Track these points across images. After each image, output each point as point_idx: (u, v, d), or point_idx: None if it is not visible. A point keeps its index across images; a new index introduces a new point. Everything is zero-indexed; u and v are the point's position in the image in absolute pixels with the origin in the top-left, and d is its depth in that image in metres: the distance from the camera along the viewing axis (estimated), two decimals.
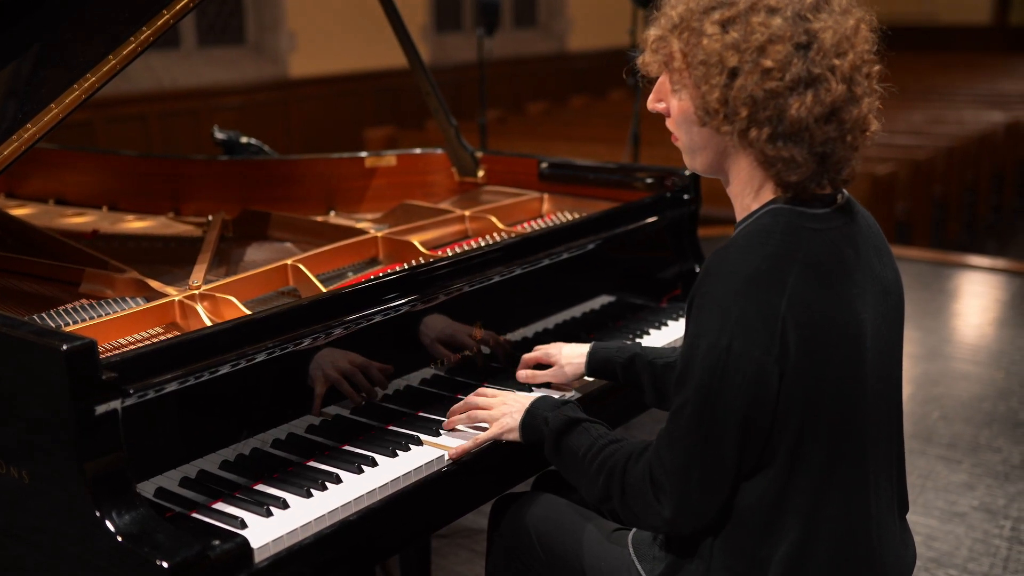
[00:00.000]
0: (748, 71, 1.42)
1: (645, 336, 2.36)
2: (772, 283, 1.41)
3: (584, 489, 1.67)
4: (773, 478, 1.47)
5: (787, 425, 1.45)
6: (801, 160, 1.45)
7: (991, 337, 5.13)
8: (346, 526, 1.62)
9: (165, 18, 1.96)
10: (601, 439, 1.65)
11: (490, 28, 5.48)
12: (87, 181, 3.20)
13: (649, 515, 1.54)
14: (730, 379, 1.42)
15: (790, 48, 1.42)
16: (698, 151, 1.57)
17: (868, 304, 1.50)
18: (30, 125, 1.87)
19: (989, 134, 8.17)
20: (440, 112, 2.84)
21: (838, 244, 1.48)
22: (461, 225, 2.56)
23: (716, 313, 1.42)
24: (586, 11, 11.23)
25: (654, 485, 1.52)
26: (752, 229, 1.49)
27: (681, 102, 1.53)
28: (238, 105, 8.14)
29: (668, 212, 2.57)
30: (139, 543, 1.41)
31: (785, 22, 1.43)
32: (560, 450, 1.69)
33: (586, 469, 1.64)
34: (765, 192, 1.52)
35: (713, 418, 1.44)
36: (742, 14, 1.44)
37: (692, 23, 1.47)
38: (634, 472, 1.56)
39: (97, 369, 1.44)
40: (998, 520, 3.30)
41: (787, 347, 1.41)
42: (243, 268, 2.43)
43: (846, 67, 1.44)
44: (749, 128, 1.45)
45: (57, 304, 2.08)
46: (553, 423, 1.71)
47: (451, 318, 2.04)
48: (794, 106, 1.42)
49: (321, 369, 1.81)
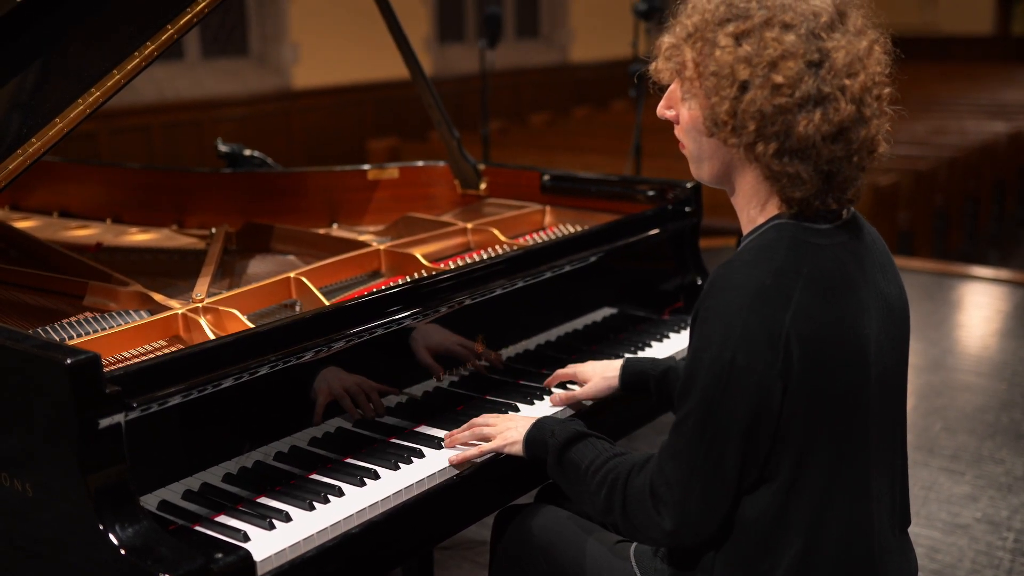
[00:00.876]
0: (758, 85, 1.43)
1: (647, 348, 2.36)
2: (777, 298, 1.42)
3: (585, 503, 1.67)
4: (775, 492, 1.47)
5: (790, 439, 1.45)
6: (806, 177, 1.45)
7: (994, 348, 5.13)
8: (349, 539, 1.62)
9: (169, 33, 1.97)
10: (605, 452, 1.66)
11: (492, 39, 5.50)
12: (91, 194, 3.22)
13: (650, 528, 1.54)
14: (733, 392, 1.42)
15: (802, 65, 1.42)
16: (705, 161, 1.57)
17: (872, 320, 1.50)
18: (35, 140, 1.88)
19: (991, 144, 8.18)
20: (443, 125, 2.85)
21: (843, 259, 1.49)
22: (463, 238, 2.57)
23: (720, 326, 1.43)
24: (588, 22, 11.26)
25: (655, 497, 1.52)
26: (757, 244, 1.49)
27: (691, 111, 1.53)
28: (241, 116, 8.16)
29: (670, 224, 2.57)
30: (142, 556, 1.41)
31: (799, 39, 1.43)
32: (563, 463, 1.69)
33: (588, 482, 1.64)
34: (770, 206, 1.53)
35: (715, 431, 1.44)
36: (756, 28, 1.44)
37: (706, 33, 1.48)
38: (635, 484, 1.56)
39: (101, 382, 1.45)
40: (1001, 532, 3.30)
41: (790, 361, 1.41)
42: (246, 281, 2.43)
43: (856, 88, 1.44)
44: (756, 142, 1.46)
45: (61, 317, 2.09)
46: (559, 435, 1.71)
47: (453, 331, 2.05)
48: (802, 123, 1.42)
49: (325, 382, 1.81)
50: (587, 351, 2.34)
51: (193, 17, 2.00)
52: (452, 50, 10.02)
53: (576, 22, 11.27)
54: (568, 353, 2.31)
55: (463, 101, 9.12)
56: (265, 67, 8.55)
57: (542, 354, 2.26)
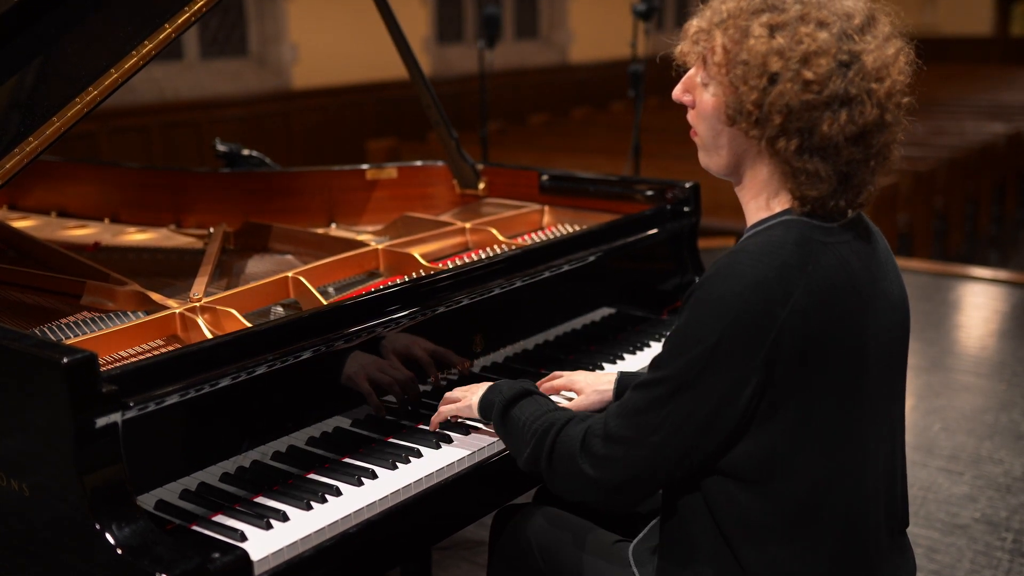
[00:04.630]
0: (789, 79, 1.41)
1: (646, 348, 2.36)
2: (776, 292, 1.41)
3: (518, 453, 1.69)
4: (771, 491, 1.47)
5: (777, 440, 1.44)
6: (825, 176, 1.45)
7: (993, 349, 5.13)
8: (346, 538, 1.62)
9: (167, 32, 1.97)
10: (546, 406, 1.70)
11: (491, 40, 5.51)
12: (89, 193, 3.21)
13: (570, 477, 1.57)
14: (709, 376, 1.42)
15: (833, 64, 1.41)
16: (716, 149, 1.55)
17: (873, 319, 1.49)
18: (32, 139, 1.87)
19: (990, 145, 8.18)
20: (441, 125, 2.84)
21: (847, 258, 1.48)
22: (462, 237, 2.57)
23: (713, 310, 1.42)
24: (587, 23, 11.27)
25: (584, 448, 1.55)
26: (764, 239, 1.48)
27: (714, 97, 1.51)
28: (240, 117, 8.16)
29: (669, 224, 2.57)
30: (139, 556, 1.41)
31: (832, 37, 1.42)
32: (506, 418, 1.73)
33: (523, 432, 1.67)
34: (778, 201, 1.52)
35: (678, 406, 1.45)
36: (791, 22, 1.43)
37: (740, 21, 1.46)
38: (569, 432, 1.59)
39: (97, 382, 1.45)
40: (1000, 532, 3.29)
41: (778, 356, 1.40)
42: (244, 280, 2.43)
43: (882, 93, 1.44)
44: (779, 136, 1.44)
45: (58, 317, 2.08)
46: (507, 393, 1.75)
47: (452, 330, 2.04)
48: (827, 122, 1.42)
49: (322, 381, 1.81)
50: (586, 351, 2.34)
51: (191, 16, 1.99)
52: (451, 50, 10.03)
53: (575, 23, 11.28)
54: (567, 353, 2.31)
55: (462, 102, 9.12)
56: (264, 67, 8.55)
57: (541, 354, 2.26)
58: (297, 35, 8.51)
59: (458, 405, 1.87)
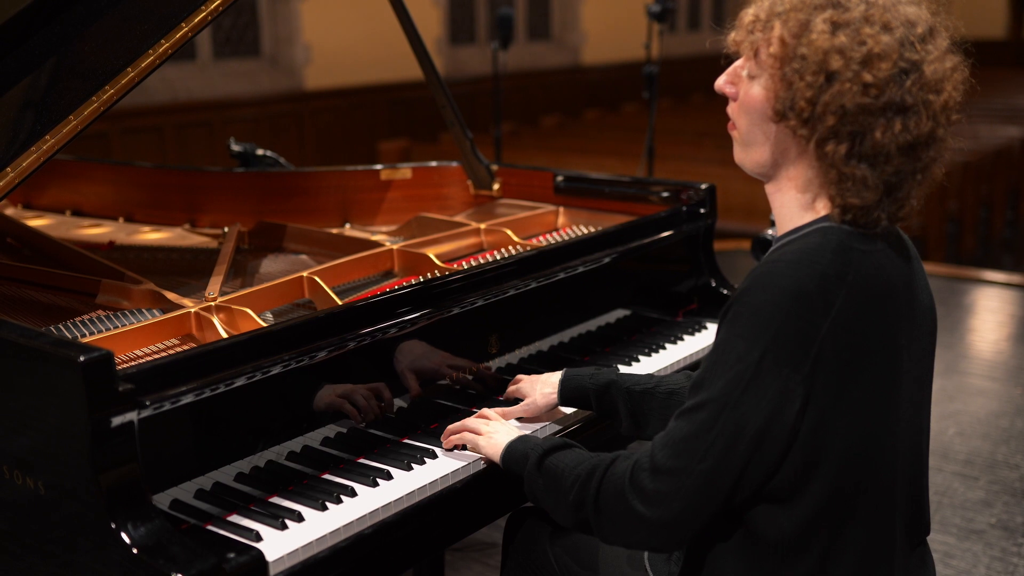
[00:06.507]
0: (847, 79, 1.36)
1: (661, 350, 2.35)
2: (818, 304, 1.36)
3: (557, 503, 1.57)
4: (799, 503, 1.42)
5: (812, 453, 1.39)
6: (871, 184, 1.40)
7: (1008, 353, 5.10)
8: (361, 540, 1.61)
9: (184, 31, 1.97)
10: (589, 453, 1.58)
11: (505, 41, 5.50)
12: (104, 192, 3.22)
13: (622, 519, 1.45)
14: (754, 393, 1.36)
15: (893, 70, 1.37)
16: (755, 145, 1.49)
17: (906, 329, 1.46)
18: (48, 137, 1.87)
19: (1004, 149, 8.14)
20: (456, 125, 2.84)
21: (884, 267, 1.44)
22: (476, 238, 2.56)
23: (754, 324, 1.37)
24: (600, 24, 11.25)
25: (634, 485, 1.43)
26: (802, 246, 1.42)
27: (764, 90, 1.44)
28: (253, 117, 8.18)
29: (684, 226, 2.56)
30: (154, 555, 1.41)
31: (895, 42, 1.38)
32: (543, 466, 1.60)
33: (564, 478, 1.55)
34: (817, 206, 1.46)
35: (727, 427, 1.37)
36: (855, 21, 1.38)
37: (802, 14, 1.41)
38: (616, 471, 1.48)
39: (114, 380, 1.44)
40: (1016, 538, 3.27)
41: (820, 368, 1.36)
42: (259, 280, 2.43)
43: (938, 106, 1.40)
44: (829, 139, 1.39)
45: (74, 315, 2.08)
46: (545, 443, 1.64)
47: (467, 331, 2.04)
48: (880, 129, 1.38)
49: (340, 381, 1.80)
50: (600, 352, 2.33)
51: (208, 15, 1.99)
52: (464, 52, 10.03)
53: (588, 24, 11.27)
54: (581, 354, 2.30)
55: (474, 103, 9.13)
56: (277, 68, 8.56)
57: (555, 355, 2.25)
58: (310, 36, 8.52)
59: (478, 441, 1.77)
